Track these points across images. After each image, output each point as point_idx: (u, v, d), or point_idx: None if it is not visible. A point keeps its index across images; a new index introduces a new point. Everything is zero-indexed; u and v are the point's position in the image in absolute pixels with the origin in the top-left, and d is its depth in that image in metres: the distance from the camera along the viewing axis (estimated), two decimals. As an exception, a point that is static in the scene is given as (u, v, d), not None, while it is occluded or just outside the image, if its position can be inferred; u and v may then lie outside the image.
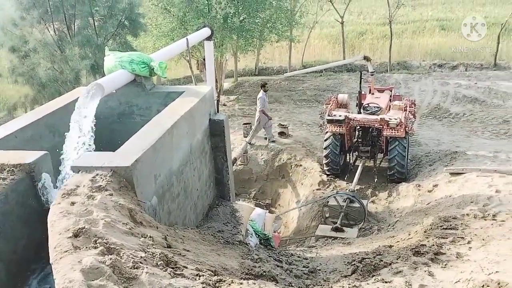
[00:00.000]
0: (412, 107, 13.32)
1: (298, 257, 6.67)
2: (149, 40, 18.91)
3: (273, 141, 15.25)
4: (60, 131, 6.05)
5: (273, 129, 15.64)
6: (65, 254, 2.95)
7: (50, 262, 2.95)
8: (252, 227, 7.79)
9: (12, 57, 16.84)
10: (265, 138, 15.44)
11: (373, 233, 10.01)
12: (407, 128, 12.02)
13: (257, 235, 7.78)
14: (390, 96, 14.53)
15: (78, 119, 4.94)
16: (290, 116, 18.42)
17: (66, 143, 4.87)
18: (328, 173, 13.16)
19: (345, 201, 10.78)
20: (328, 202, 11.04)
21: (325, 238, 10.13)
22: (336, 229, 10.21)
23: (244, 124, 16.31)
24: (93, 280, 2.72)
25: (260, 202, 13.76)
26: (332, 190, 12.34)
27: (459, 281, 4.61)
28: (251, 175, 14.77)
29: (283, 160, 14.64)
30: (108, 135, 5.85)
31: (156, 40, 18.44)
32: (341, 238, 9.85)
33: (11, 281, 4.20)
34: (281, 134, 15.87)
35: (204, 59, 16.46)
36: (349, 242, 9.26)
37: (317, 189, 12.79)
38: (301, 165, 14.18)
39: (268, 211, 11.16)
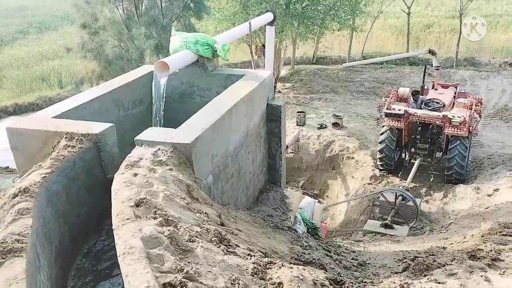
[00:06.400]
0: (478, 105, 12.63)
1: (346, 249, 6.59)
2: (211, 23, 19.14)
3: None
4: (125, 106, 6.34)
5: (327, 119, 15.42)
6: (127, 222, 3.09)
7: (113, 228, 3.11)
8: (301, 215, 7.78)
9: (82, 33, 17.69)
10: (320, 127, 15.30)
11: (424, 233, 9.68)
12: (470, 128, 11.43)
13: (305, 224, 7.77)
14: (455, 93, 13.86)
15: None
16: (346, 107, 18.07)
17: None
18: (382, 168, 12.83)
19: (397, 198, 10.49)
20: (379, 197, 10.79)
21: (373, 234, 9.94)
22: (385, 226, 9.99)
23: (298, 112, 16.21)
24: (152, 249, 2.84)
25: (308, 192, 13.69)
26: (384, 186, 12.04)
27: (518, 290, 4.37)
28: (301, 164, 14.71)
29: (335, 151, 14.43)
30: (169, 113, 6.04)
31: (217, 23, 18.65)
32: (390, 235, 9.62)
33: (74, 244, 4.47)
34: (335, 125, 15.64)
35: (263, 45, 16.46)
36: (399, 240, 9.02)
37: (368, 184, 12.52)
38: (353, 158, 13.92)
39: (317, 201, 11.10)
